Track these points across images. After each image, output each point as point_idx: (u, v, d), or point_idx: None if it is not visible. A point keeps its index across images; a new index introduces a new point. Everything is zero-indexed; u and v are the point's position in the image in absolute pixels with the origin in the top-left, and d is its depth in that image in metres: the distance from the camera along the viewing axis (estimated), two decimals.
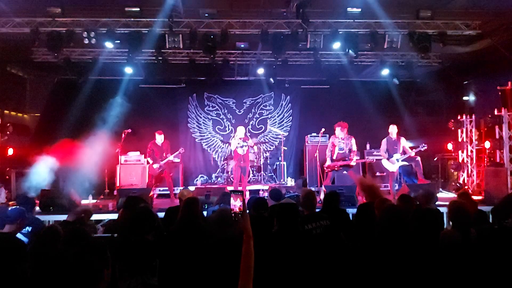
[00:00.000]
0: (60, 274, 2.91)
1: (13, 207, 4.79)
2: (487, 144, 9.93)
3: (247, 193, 10.67)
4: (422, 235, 3.36)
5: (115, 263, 3.21)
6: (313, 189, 9.94)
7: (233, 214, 2.50)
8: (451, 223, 3.51)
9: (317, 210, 4.69)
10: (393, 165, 9.27)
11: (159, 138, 10.00)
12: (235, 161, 9.84)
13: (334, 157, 9.21)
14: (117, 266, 3.21)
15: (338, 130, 9.21)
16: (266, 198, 5.92)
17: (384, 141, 9.46)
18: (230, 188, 9.78)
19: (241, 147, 9.68)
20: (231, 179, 11.33)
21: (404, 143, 9.33)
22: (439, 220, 3.86)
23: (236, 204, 2.49)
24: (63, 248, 3.22)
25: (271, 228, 3.63)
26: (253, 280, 2.30)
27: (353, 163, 9.13)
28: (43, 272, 3.08)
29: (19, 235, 4.26)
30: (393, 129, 9.42)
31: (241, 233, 2.40)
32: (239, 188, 9.35)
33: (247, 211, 2.61)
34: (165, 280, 3.40)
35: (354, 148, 9.18)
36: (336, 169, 9.20)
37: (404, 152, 9.24)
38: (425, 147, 9.22)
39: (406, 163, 9.28)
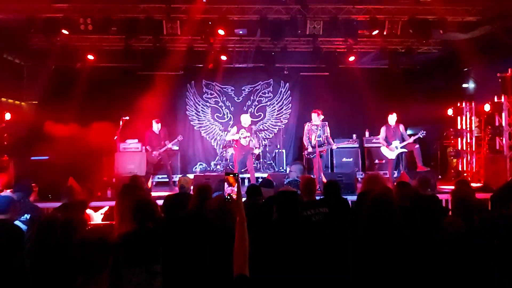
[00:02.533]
0: (63, 262, 2.90)
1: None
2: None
3: (246, 181, 10.67)
4: (419, 220, 3.34)
5: (118, 252, 3.20)
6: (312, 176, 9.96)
7: (227, 197, 2.47)
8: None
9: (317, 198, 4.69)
10: (392, 152, 9.27)
11: (156, 126, 9.97)
12: (236, 152, 9.48)
13: (313, 143, 8.93)
14: (120, 254, 3.20)
15: (314, 116, 9.02)
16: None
17: (383, 129, 9.45)
18: None
19: (244, 137, 9.17)
20: (230, 166, 11.32)
21: (403, 130, 9.32)
22: (436, 206, 3.85)
23: (230, 187, 2.46)
24: (64, 236, 3.20)
25: (267, 215, 3.60)
26: (252, 269, 2.28)
27: (334, 147, 9.23)
28: (44, 260, 3.07)
29: (18, 223, 4.24)
30: (392, 117, 9.38)
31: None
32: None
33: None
34: (169, 267, 3.39)
35: (329, 134, 9.06)
36: (320, 154, 8.93)
37: (403, 139, 9.23)
38: (424, 134, 9.20)
39: (405, 150, 9.28)
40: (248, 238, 2.33)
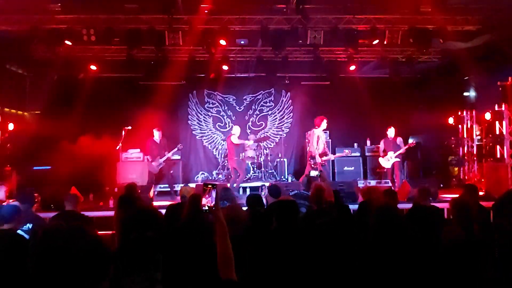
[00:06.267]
0: (64, 272, 2.90)
1: (6, 204, 4.71)
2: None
3: (247, 190, 10.70)
4: (417, 232, 3.34)
5: (118, 260, 3.20)
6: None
7: (206, 208, 2.46)
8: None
9: None
10: (387, 162, 9.85)
11: (157, 135, 10.00)
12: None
13: (320, 151, 9.05)
14: (119, 263, 3.21)
15: (324, 123, 9.26)
16: (265, 195, 5.89)
17: (382, 142, 10.10)
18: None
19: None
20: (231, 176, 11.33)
21: (400, 142, 9.88)
22: (435, 217, 3.84)
23: (209, 199, 2.45)
24: (66, 245, 3.20)
25: (268, 225, 3.61)
26: (251, 276, 2.29)
27: (332, 157, 9.71)
28: (46, 269, 3.06)
29: (20, 232, 4.25)
30: (390, 131, 9.94)
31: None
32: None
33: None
34: (169, 274, 3.40)
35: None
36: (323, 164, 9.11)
37: (399, 149, 9.74)
38: (414, 143, 10.09)
39: (398, 160, 9.79)
40: (230, 244, 2.34)
